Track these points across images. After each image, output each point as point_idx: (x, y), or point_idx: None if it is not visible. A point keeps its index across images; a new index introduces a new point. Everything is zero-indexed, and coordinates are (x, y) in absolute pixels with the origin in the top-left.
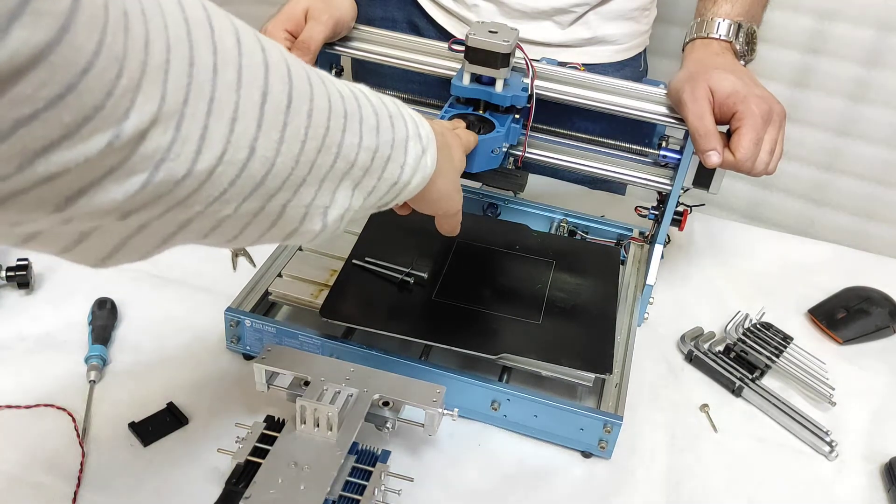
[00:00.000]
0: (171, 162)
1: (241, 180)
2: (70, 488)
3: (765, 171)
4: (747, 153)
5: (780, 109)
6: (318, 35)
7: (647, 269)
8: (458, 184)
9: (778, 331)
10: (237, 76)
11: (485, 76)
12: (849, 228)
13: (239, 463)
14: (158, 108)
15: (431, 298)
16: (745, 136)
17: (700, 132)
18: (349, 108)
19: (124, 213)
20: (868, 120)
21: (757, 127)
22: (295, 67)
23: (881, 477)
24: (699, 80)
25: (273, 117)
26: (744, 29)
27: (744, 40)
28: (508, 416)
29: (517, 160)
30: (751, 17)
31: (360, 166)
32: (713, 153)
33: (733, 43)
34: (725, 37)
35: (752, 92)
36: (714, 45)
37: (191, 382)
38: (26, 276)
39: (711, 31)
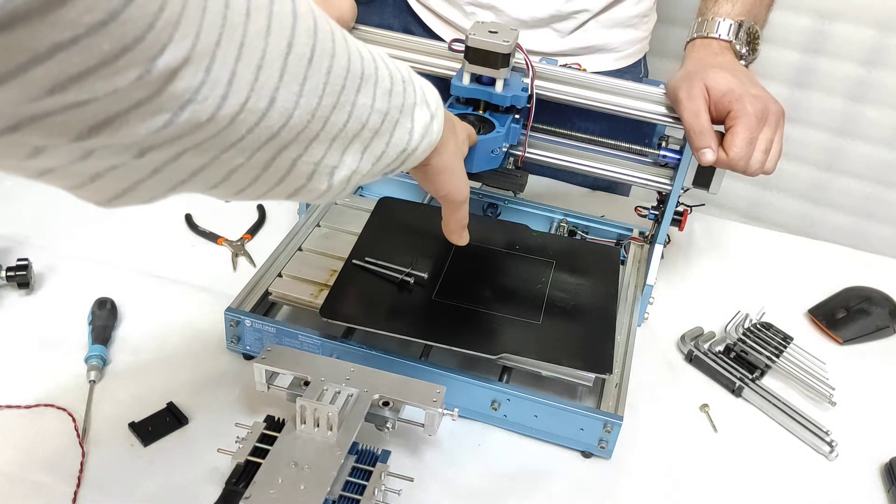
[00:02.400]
0: (197, 104)
1: (258, 129)
2: (70, 488)
3: (760, 170)
4: (740, 152)
5: (776, 109)
6: None
7: (647, 269)
8: (462, 166)
9: (778, 331)
10: (267, 23)
11: (485, 76)
12: (849, 228)
13: (239, 463)
14: (192, 46)
15: (431, 298)
16: (738, 135)
17: (695, 129)
18: (367, 69)
19: (142, 149)
20: (868, 120)
21: (751, 126)
22: (321, 22)
23: (881, 477)
24: (696, 78)
25: (295, 69)
26: (744, 28)
27: (744, 40)
28: (508, 416)
29: (517, 160)
30: (753, 17)
31: (371, 128)
32: (707, 151)
33: (733, 43)
34: (725, 36)
35: (747, 91)
36: (714, 44)
37: (191, 382)
38: (26, 276)
39: (711, 31)
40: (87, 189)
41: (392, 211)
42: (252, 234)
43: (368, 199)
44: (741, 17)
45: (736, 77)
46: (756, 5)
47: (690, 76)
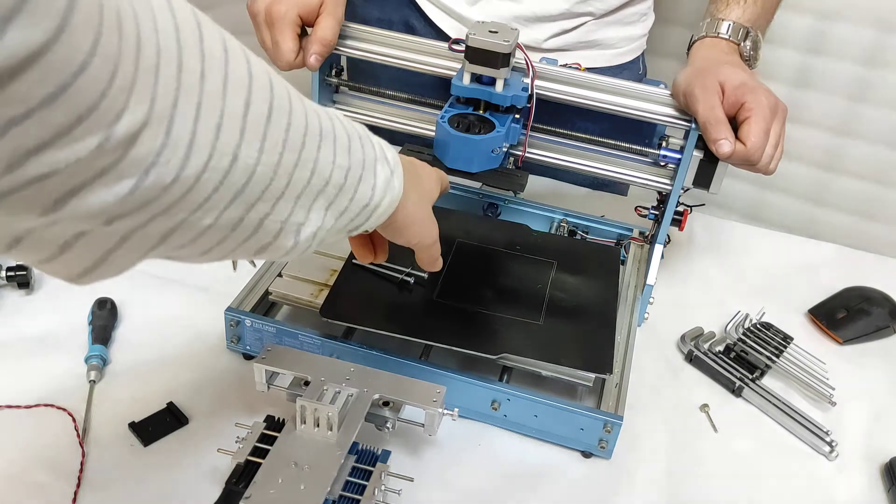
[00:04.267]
0: (161, 167)
1: (223, 187)
2: (70, 488)
3: (768, 165)
4: (758, 142)
5: (783, 107)
6: (336, 32)
7: (647, 269)
8: (429, 213)
9: (778, 331)
10: (223, 83)
11: (485, 76)
12: (849, 228)
13: (239, 463)
14: (149, 109)
15: (432, 298)
16: (755, 125)
17: (711, 121)
18: (324, 126)
19: (110, 217)
20: (868, 120)
21: (766, 117)
22: (277, 81)
23: (881, 477)
24: (709, 73)
25: (254, 127)
26: (751, 36)
27: (750, 46)
28: (508, 416)
29: (517, 160)
30: (758, 26)
31: (335, 184)
32: (724, 142)
33: (741, 46)
34: (733, 38)
35: (759, 86)
36: (723, 44)
37: (191, 382)
38: (26, 276)
39: (721, 31)
40: (56, 263)
41: None
42: None
43: None
44: (748, 24)
45: (746, 73)
46: (761, 17)
47: (703, 72)
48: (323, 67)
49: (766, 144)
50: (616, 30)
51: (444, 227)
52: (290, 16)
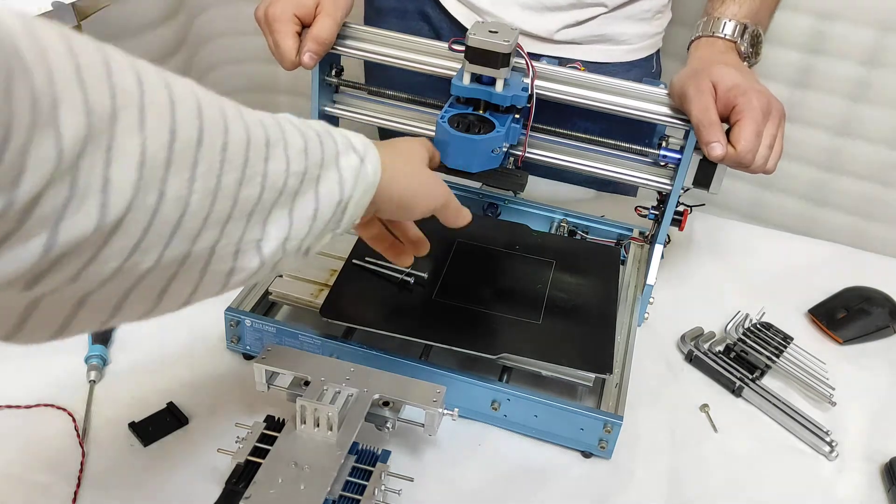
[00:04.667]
0: (70, 219)
1: (154, 226)
2: (70, 488)
3: (764, 166)
4: (748, 145)
5: (779, 106)
6: (332, 32)
7: (647, 269)
8: (428, 174)
9: (778, 331)
10: (139, 117)
11: (485, 76)
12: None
13: (239, 463)
14: (54, 167)
15: (431, 298)
16: (745, 128)
17: (704, 123)
18: (272, 135)
19: (30, 280)
20: (868, 120)
21: (757, 119)
22: (206, 100)
23: (881, 477)
24: (702, 74)
25: (183, 155)
26: (749, 31)
27: (748, 42)
28: (508, 416)
29: (517, 160)
30: (757, 20)
31: (290, 192)
32: (717, 145)
33: (738, 43)
34: (731, 36)
35: (752, 87)
36: (719, 43)
37: (191, 382)
38: None
39: (717, 30)
40: None
41: None
42: None
43: None
44: (746, 20)
45: (741, 74)
46: (761, 10)
47: (697, 73)
48: (323, 67)
49: (757, 146)
50: (629, 25)
51: (445, 227)
52: (287, 15)
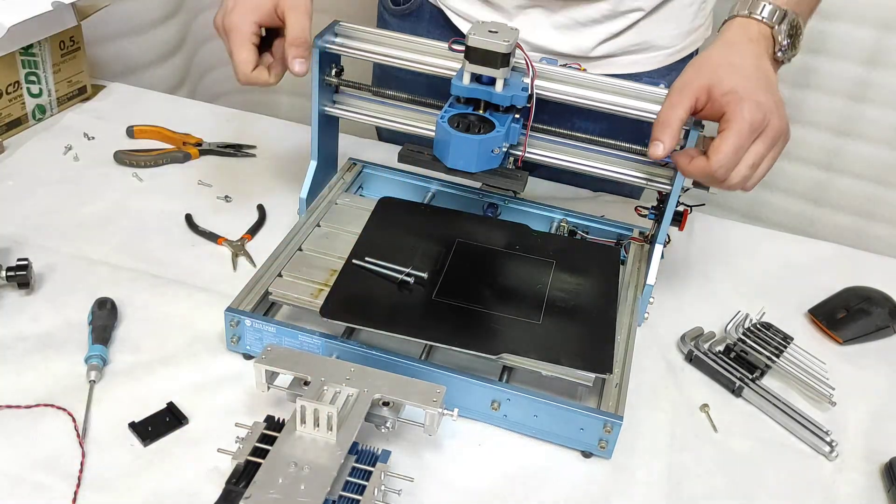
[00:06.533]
0: None
1: None
2: (70, 488)
3: (741, 185)
4: (723, 159)
5: (778, 125)
6: (308, 27)
7: (647, 269)
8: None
9: (778, 331)
10: None
11: (485, 76)
12: (849, 228)
13: (239, 463)
14: None
15: (431, 298)
16: (724, 141)
17: (659, 119)
18: None
19: None
20: (868, 120)
21: (741, 133)
22: None
23: (881, 477)
24: (704, 71)
25: None
26: (789, 18)
27: (786, 31)
28: (508, 416)
29: (517, 160)
30: (800, 9)
31: None
32: (658, 144)
33: (775, 29)
34: (768, 20)
35: (752, 96)
36: (754, 26)
37: (191, 382)
38: (26, 276)
39: (755, 11)
40: None
41: (392, 211)
42: (252, 234)
43: (368, 199)
44: (788, 6)
45: (748, 79)
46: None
47: (701, 67)
48: (323, 67)
49: (734, 163)
50: (669, 26)
51: (444, 227)
52: (245, 28)
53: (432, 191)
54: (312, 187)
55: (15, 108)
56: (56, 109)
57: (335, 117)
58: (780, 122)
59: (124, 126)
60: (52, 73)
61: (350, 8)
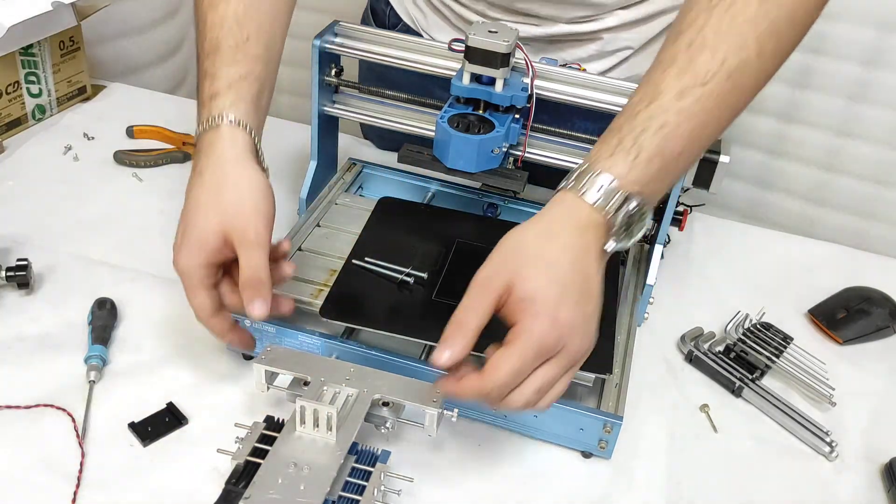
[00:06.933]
0: None
1: None
2: (70, 488)
3: (526, 408)
4: (499, 381)
5: (576, 348)
6: (265, 265)
7: (647, 269)
8: None
9: (778, 331)
10: None
11: (485, 76)
12: (849, 228)
13: (238, 463)
14: None
15: (431, 298)
16: (505, 361)
17: (454, 319)
18: None
19: None
20: (868, 120)
21: (525, 356)
22: None
23: (881, 477)
24: (509, 264)
25: None
26: (629, 206)
27: (623, 222)
28: (508, 416)
29: (517, 160)
30: (652, 187)
31: None
32: (443, 352)
33: (610, 218)
34: (602, 205)
35: (550, 311)
36: (584, 212)
37: (191, 382)
38: (26, 276)
39: (589, 190)
40: None
41: (392, 211)
42: None
43: (368, 199)
44: (636, 187)
45: (555, 284)
46: (670, 166)
47: (507, 258)
48: (322, 67)
49: (510, 385)
50: None
51: (444, 227)
52: (193, 272)
53: (432, 191)
54: (312, 187)
55: (15, 108)
56: (56, 109)
57: (335, 117)
58: (580, 343)
59: (124, 126)
60: (52, 73)
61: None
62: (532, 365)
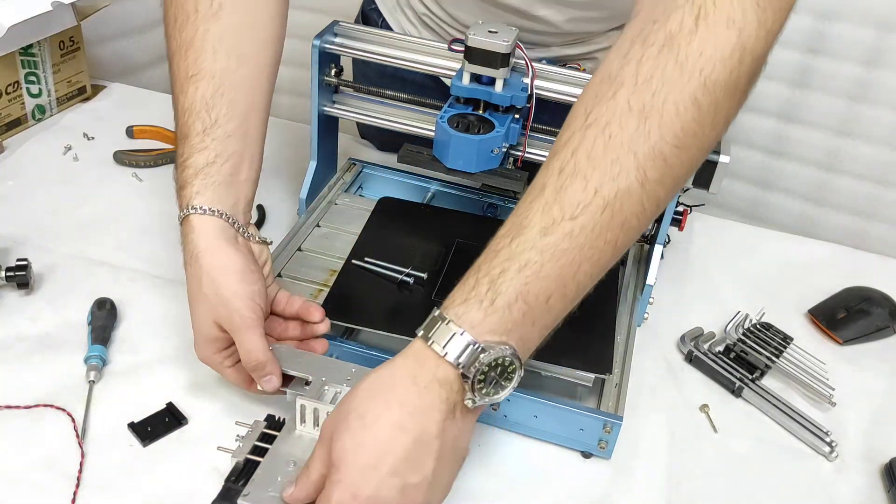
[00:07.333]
0: None
1: None
2: (70, 488)
3: None
4: None
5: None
6: (262, 344)
7: (647, 269)
8: None
9: (778, 331)
10: None
11: (485, 76)
12: (849, 228)
13: (238, 461)
14: None
15: (431, 298)
16: None
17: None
18: None
19: None
20: (868, 120)
21: None
22: None
23: (881, 477)
24: (339, 416)
25: None
26: (492, 357)
27: (483, 374)
28: (508, 416)
29: (517, 160)
30: (526, 334)
31: None
32: None
33: (464, 371)
34: (454, 358)
35: (353, 484)
36: (429, 365)
37: (190, 382)
38: (26, 276)
39: (439, 340)
40: None
41: (392, 211)
42: None
43: (368, 200)
44: (493, 337)
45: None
46: (531, 322)
47: (339, 408)
48: (322, 68)
49: None
50: None
51: (444, 227)
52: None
53: (432, 191)
54: (312, 187)
55: (14, 108)
56: (56, 109)
57: (335, 117)
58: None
59: (124, 126)
60: (52, 73)
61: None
62: None
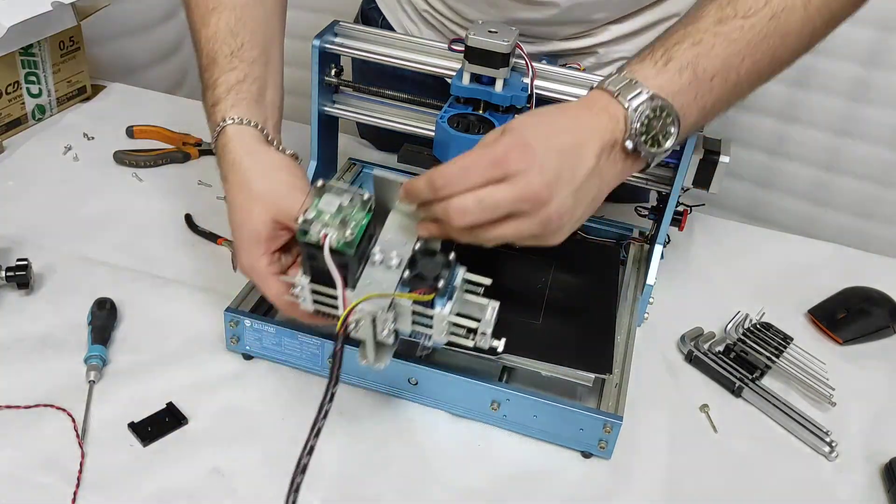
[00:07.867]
0: None
1: None
2: (70, 488)
3: (460, 220)
4: (444, 170)
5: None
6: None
7: (647, 269)
8: None
9: (778, 331)
10: None
11: (485, 76)
12: (849, 228)
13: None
14: None
15: None
16: (458, 158)
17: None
18: None
19: None
20: (868, 120)
21: (479, 158)
22: None
23: (881, 477)
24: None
25: None
26: (655, 105)
27: (644, 120)
28: (508, 416)
29: None
30: (686, 102)
31: None
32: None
33: (630, 120)
34: (623, 96)
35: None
36: (602, 99)
37: (191, 382)
38: (26, 276)
39: (612, 83)
40: None
41: None
42: None
43: None
44: (661, 92)
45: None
46: (694, 95)
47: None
48: (322, 67)
49: (458, 179)
50: None
51: None
52: (259, 267)
53: None
54: None
55: (14, 108)
56: (56, 109)
57: (335, 117)
58: (538, 181)
59: (124, 126)
60: (52, 73)
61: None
62: (483, 169)
